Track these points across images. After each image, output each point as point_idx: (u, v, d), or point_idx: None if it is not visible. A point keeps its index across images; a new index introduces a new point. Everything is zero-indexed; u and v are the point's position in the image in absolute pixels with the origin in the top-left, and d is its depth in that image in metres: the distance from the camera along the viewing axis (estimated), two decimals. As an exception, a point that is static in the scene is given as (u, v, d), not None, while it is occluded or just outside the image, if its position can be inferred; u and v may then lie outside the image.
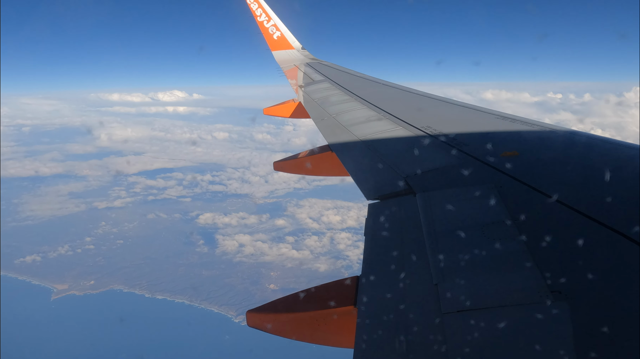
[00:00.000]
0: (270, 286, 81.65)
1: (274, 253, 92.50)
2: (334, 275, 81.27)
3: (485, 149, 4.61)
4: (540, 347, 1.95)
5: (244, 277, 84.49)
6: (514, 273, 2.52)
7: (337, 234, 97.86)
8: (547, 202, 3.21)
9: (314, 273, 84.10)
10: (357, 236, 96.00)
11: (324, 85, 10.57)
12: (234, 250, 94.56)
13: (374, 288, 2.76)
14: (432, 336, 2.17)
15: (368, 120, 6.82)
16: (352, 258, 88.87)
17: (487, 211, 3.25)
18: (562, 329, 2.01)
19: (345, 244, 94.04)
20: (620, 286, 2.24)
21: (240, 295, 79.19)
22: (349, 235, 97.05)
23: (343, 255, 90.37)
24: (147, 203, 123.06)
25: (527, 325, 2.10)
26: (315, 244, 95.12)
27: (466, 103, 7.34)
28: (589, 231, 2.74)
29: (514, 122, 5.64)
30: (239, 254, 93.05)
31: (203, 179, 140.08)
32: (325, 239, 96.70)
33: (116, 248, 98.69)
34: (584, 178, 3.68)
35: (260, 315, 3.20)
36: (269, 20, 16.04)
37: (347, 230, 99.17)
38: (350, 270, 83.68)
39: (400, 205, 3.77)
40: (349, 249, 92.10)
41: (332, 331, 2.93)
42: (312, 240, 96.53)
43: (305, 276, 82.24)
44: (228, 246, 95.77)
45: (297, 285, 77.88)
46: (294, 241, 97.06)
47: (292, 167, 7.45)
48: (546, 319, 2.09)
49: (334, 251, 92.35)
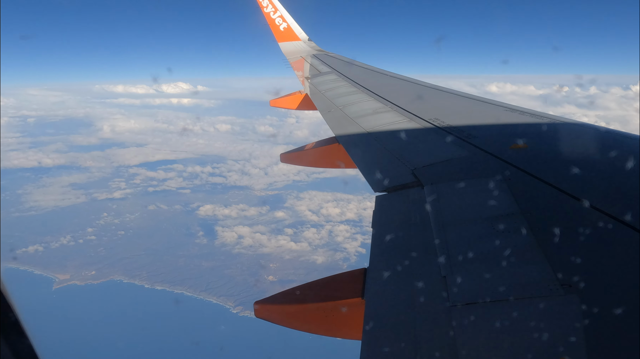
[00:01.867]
0: (269, 278, 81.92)
1: (273, 245, 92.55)
2: (332, 267, 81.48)
3: (494, 142, 4.53)
4: (550, 340, 1.91)
5: (243, 269, 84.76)
6: (523, 266, 2.48)
7: (335, 226, 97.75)
8: (558, 196, 3.16)
9: (311, 265, 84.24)
10: (356, 228, 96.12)
11: (330, 77, 10.43)
12: (233, 241, 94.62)
13: (382, 280, 2.73)
14: (440, 328, 2.14)
15: (375, 112, 6.71)
16: (350, 250, 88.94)
17: (496, 204, 3.21)
18: (573, 322, 1.98)
19: (344, 236, 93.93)
20: (630, 279, 2.21)
21: (239, 286, 79.49)
22: (347, 227, 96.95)
23: (341, 248, 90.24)
24: (148, 195, 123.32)
25: (537, 318, 2.06)
26: (314, 236, 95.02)
27: (474, 95, 7.20)
28: (599, 224, 2.69)
29: (522, 114, 5.53)
30: (238, 246, 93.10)
31: (203, 171, 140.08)
32: (324, 231, 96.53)
33: (117, 239, 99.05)
34: (594, 172, 3.61)
35: (268, 306, 3.21)
36: (276, 12, 16.03)
37: (345, 223, 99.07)
38: (348, 262, 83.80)
39: (408, 197, 3.73)
40: (347, 241, 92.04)
41: (339, 323, 2.92)
42: (310, 232, 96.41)
43: (304, 268, 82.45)
44: (227, 238, 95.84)
45: (296, 277, 78.17)
46: (293, 233, 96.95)
47: (298, 159, 7.48)
48: (556, 312, 2.06)
49: (332, 244, 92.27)
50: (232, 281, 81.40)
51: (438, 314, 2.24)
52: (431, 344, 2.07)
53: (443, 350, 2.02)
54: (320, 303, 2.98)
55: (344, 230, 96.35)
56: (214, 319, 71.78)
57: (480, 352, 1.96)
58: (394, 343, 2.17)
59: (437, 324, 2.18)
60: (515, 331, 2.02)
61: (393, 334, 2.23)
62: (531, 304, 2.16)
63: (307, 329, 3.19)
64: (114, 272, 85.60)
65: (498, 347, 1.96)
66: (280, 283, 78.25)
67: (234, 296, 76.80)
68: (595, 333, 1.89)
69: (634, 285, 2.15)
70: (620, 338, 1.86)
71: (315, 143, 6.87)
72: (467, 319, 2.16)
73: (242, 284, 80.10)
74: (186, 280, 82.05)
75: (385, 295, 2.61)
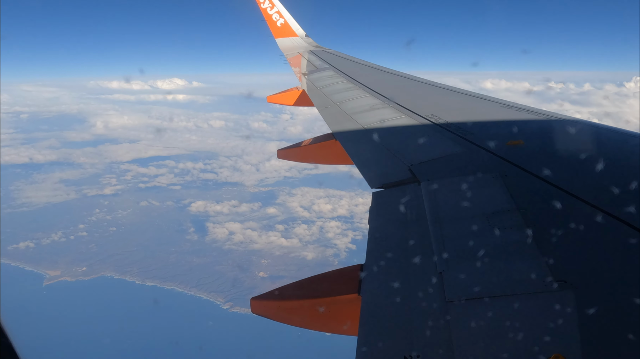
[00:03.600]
0: (260, 274, 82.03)
1: (263, 241, 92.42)
2: (322, 263, 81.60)
3: (491, 138, 4.51)
4: (546, 336, 1.92)
5: (234, 265, 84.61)
6: (519, 262, 2.49)
7: (326, 223, 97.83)
8: (553, 192, 3.15)
9: (301, 261, 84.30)
10: (347, 224, 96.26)
11: (327, 73, 10.38)
12: (224, 237, 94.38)
13: (378, 276, 2.72)
14: (436, 324, 2.13)
15: (372, 108, 6.67)
16: (340, 246, 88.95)
17: (492, 200, 3.22)
18: (568, 318, 1.99)
19: (334, 233, 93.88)
20: (625, 275, 2.21)
21: (230, 282, 79.55)
22: (338, 223, 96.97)
23: (331, 244, 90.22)
24: (140, 191, 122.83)
25: (532, 314, 2.08)
26: (304, 232, 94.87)
27: (471, 91, 7.24)
28: (595, 220, 2.69)
29: (519, 110, 5.54)
30: (228, 242, 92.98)
31: (195, 167, 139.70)
32: (315, 228, 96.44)
33: (109, 235, 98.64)
34: (590, 168, 3.58)
35: (264, 302, 3.19)
36: (273, 7, 15.90)
37: (337, 219, 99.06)
38: (338, 258, 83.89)
39: (405, 193, 3.71)
40: (337, 237, 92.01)
41: (335, 319, 2.90)
42: (301, 229, 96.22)
43: (295, 264, 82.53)
44: (218, 234, 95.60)
45: (287, 273, 78.28)
46: (284, 229, 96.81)
47: (295, 155, 7.43)
48: (551, 308, 2.07)
49: (322, 240, 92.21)
50: (222, 277, 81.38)
51: (434, 311, 2.23)
52: (427, 341, 2.07)
53: (439, 346, 2.01)
54: (317, 299, 2.98)
55: (335, 226, 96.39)
56: (204, 315, 71.80)
57: (477, 348, 1.96)
58: (389, 339, 2.16)
59: (433, 321, 2.17)
60: (510, 327, 2.01)
61: (389, 331, 2.22)
62: (527, 300, 2.16)
63: (303, 325, 3.20)
64: (105, 268, 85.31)
65: (494, 343, 1.96)
66: (270, 279, 78.36)
67: (225, 293, 76.81)
68: (590, 330, 1.90)
69: (629, 281, 2.15)
70: (615, 335, 1.86)
71: (312, 140, 6.84)
72: (463, 315, 2.16)
73: (233, 280, 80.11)
74: (177, 276, 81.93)
75: (381, 291, 2.60)
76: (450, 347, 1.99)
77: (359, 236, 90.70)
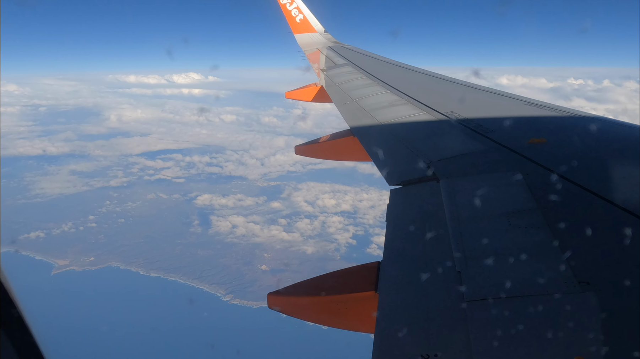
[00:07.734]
0: (262, 267, 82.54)
1: (265, 235, 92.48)
2: (321, 258, 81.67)
3: (512, 136, 4.38)
4: (566, 338, 1.87)
5: (237, 258, 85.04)
6: (539, 263, 2.42)
7: (329, 218, 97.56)
8: (575, 191, 3.06)
9: (302, 254, 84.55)
10: (349, 219, 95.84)
11: (346, 69, 10.19)
12: (227, 230, 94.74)
13: (396, 274, 2.67)
14: (454, 323, 2.10)
15: (391, 104, 6.54)
16: (341, 241, 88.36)
17: (513, 199, 3.13)
18: (590, 320, 1.93)
19: (336, 228, 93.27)
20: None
21: (232, 274, 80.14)
22: (341, 219, 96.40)
23: (332, 238, 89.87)
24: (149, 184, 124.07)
25: (554, 316, 2.01)
26: (306, 227, 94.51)
27: (491, 88, 6.99)
28: (619, 221, 2.61)
29: (541, 108, 5.36)
30: (231, 235, 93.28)
31: (201, 161, 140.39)
32: (317, 222, 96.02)
33: (117, 226, 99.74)
34: (614, 167, 3.49)
35: (281, 298, 3.18)
36: (292, 3, 15.80)
37: (340, 214, 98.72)
38: (338, 253, 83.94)
39: (423, 191, 3.64)
40: (338, 232, 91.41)
41: (352, 316, 2.89)
42: (303, 223, 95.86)
43: (296, 259, 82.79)
44: (221, 227, 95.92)
45: (288, 267, 78.58)
46: (287, 223, 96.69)
47: (313, 151, 7.38)
48: (574, 310, 2.01)
49: (324, 235, 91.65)
50: (225, 269, 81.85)
51: (452, 310, 2.19)
52: (445, 340, 2.03)
53: (457, 346, 1.97)
54: (334, 295, 2.94)
55: (337, 221, 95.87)
56: (204, 306, 72.60)
57: (495, 349, 1.91)
58: (406, 337, 2.12)
59: (451, 320, 2.13)
60: (530, 328, 1.96)
61: (406, 329, 2.18)
62: (548, 301, 2.10)
63: (320, 322, 3.18)
64: (112, 259, 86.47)
65: (513, 344, 1.91)
66: (272, 273, 78.76)
67: (226, 285, 77.27)
68: (612, 332, 1.84)
69: None
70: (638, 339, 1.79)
71: (330, 136, 6.76)
72: (482, 315, 2.11)
73: (235, 273, 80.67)
74: (181, 267, 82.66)
75: (398, 289, 2.55)
76: (468, 347, 1.93)
77: (360, 231, 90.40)
